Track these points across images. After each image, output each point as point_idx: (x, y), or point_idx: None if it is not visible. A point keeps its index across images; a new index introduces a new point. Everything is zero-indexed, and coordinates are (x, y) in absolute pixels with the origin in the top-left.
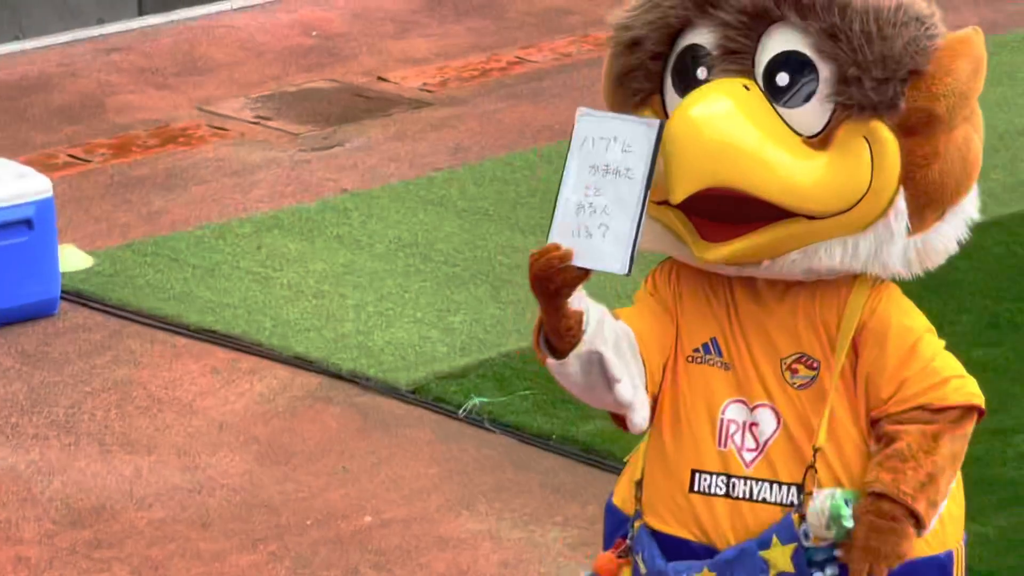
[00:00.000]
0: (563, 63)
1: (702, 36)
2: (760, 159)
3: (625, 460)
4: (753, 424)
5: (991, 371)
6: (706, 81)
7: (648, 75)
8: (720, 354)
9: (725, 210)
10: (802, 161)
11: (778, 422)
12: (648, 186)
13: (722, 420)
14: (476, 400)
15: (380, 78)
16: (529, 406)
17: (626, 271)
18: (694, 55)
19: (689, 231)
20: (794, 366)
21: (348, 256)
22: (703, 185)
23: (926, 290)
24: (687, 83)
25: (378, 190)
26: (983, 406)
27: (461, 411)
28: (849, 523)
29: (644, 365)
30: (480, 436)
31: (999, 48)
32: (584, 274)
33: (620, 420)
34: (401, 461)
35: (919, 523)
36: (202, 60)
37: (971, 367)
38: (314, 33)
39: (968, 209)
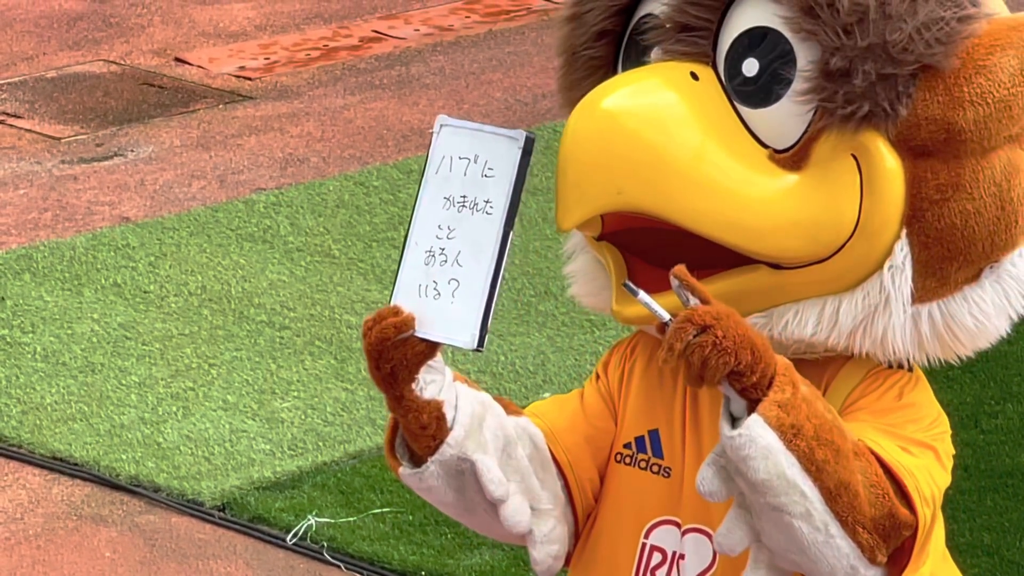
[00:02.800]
0: (441, 39)
1: (656, 4)
2: (693, 178)
3: None
4: (680, 557)
5: None
6: None
7: (592, 60)
8: (659, 453)
9: (663, 249)
10: (761, 184)
11: (714, 556)
12: (510, 224)
13: (644, 546)
14: (312, 520)
15: (178, 59)
16: (387, 530)
17: (474, 345)
18: (645, 30)
19: (620, 273)
20: None
21: (130, 314)
22: (603, 208)
23: (958, 368)
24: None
25: (173, 219)
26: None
27: (290, 536)
28: None
29: (566, 477)
30: (318, 572)
31: None
32: (429, 349)
33: None
34: None
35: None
36: None
37: (1014, 474)
38: None
39: (1022, 269)
